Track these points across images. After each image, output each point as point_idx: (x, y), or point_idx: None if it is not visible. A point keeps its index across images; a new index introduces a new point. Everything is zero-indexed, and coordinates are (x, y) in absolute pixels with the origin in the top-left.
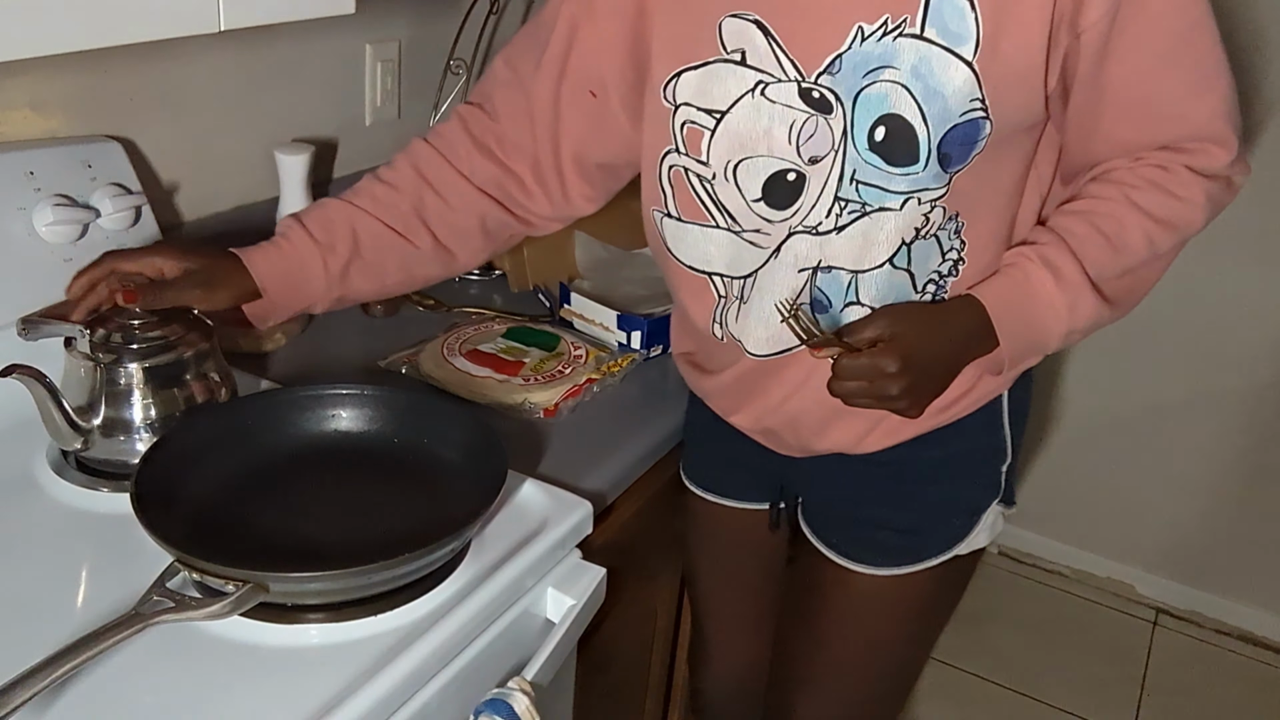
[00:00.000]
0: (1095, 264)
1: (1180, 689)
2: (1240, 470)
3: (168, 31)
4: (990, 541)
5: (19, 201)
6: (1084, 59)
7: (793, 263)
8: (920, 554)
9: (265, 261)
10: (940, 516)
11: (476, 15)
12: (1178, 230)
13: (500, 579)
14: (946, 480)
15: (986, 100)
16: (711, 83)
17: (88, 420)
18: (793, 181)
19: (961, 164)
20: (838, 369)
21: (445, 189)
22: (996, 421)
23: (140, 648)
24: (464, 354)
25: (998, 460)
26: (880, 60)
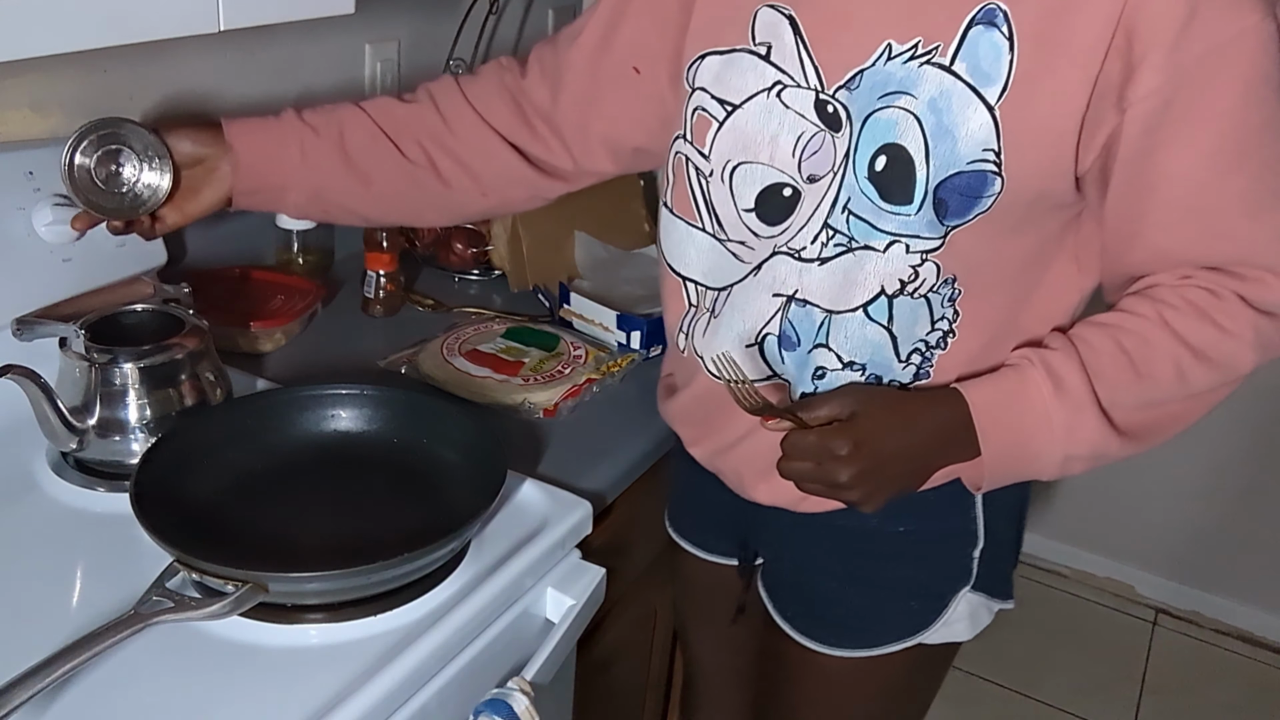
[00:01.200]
0: (1109, 385)
1: (1180, 689)
2: (1240, 471)
3: (168, 31)
4: (973, 635)
5: (18, 201)
6: (1128, 140)
7: (770, 285)
8: (877, 638)
9: (247, 131)
10: (895, 598)
11: (476, 15)
12: (1217, 367)
13: (500, 579)
14: (903, 559)
15: (1002, 154)
16: (731, 72)
17: (83, 420)
18: (788, 197)
19: (961, 219)
20: (785, 446)
21: (454, 118)
22: (967, 501)
23: (140, 648)
24: (463, 354)
25: (966, 544)
26: (900, 84)
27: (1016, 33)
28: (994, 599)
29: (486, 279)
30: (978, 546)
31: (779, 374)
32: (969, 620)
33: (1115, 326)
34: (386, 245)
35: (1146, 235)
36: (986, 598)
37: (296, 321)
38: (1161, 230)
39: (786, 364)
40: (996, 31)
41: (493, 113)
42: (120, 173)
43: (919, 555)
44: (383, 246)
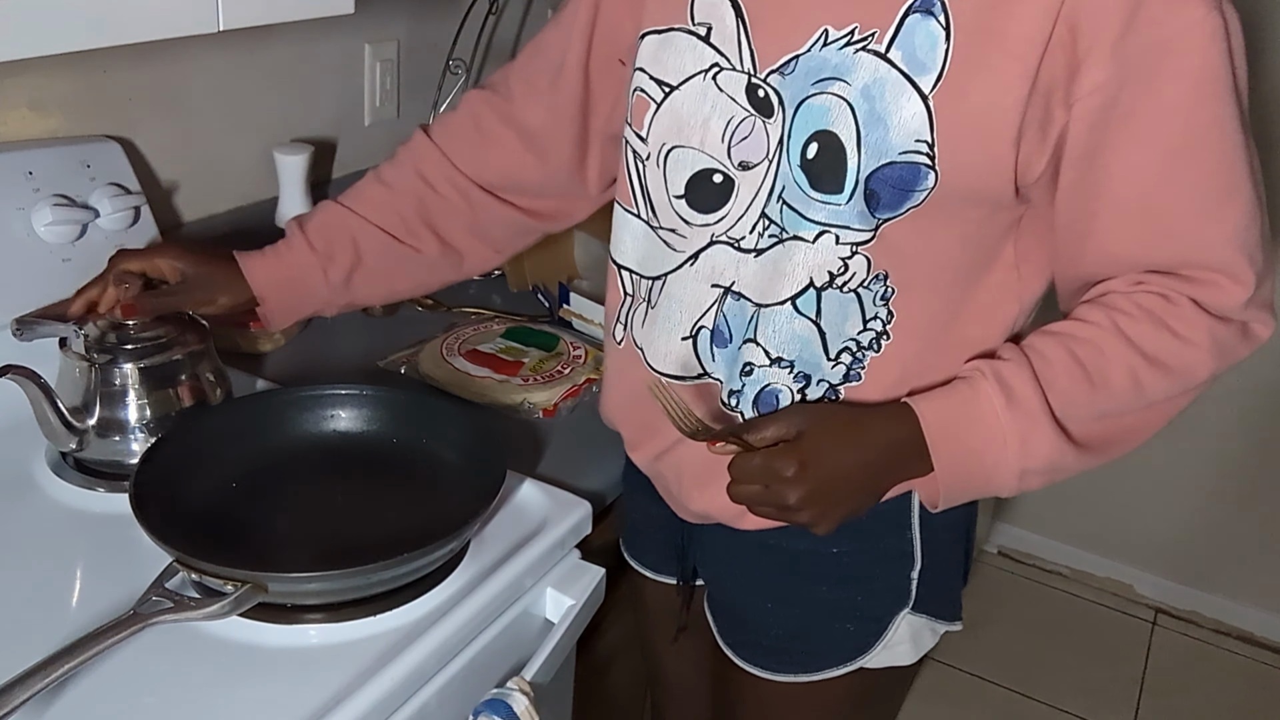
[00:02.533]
0: (1062, 396)
1: (1179, 689)
2: (1240, 470)
3: (167, 31)
4: (916, 658)
5: (18, 201)
6: (1075, 137)
7: (709, 275)
8: (816, 663)
9: (263, 270)
10: (831, 621)
11: (476, 15)
12: (1173, 374)
13: (499, 579)
14: (838, 580)
15: (936, 146)
16: (668, 51)
17: (82, 420)
18: (719, 184)
19: (893, 212)
20: (732, 469)
21: (447, 189)
22: (903, 520)
23: (139, 648)
24: (463, 354)
25: (903, 565)
26: (834, 71)
27: (953, 23)
28: (938, 620)
29: (486, 279)
30: (915, 567)
31: (708, 371)
32: (911, 643)
33: (1068, 335)
34: None
35: (1096, 236)
36: (929, 619)
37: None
38: (1111, 231)
39: (716, 360)
40: (933, 20)
41: (480, 169)
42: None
43: (854, 577)
44: None
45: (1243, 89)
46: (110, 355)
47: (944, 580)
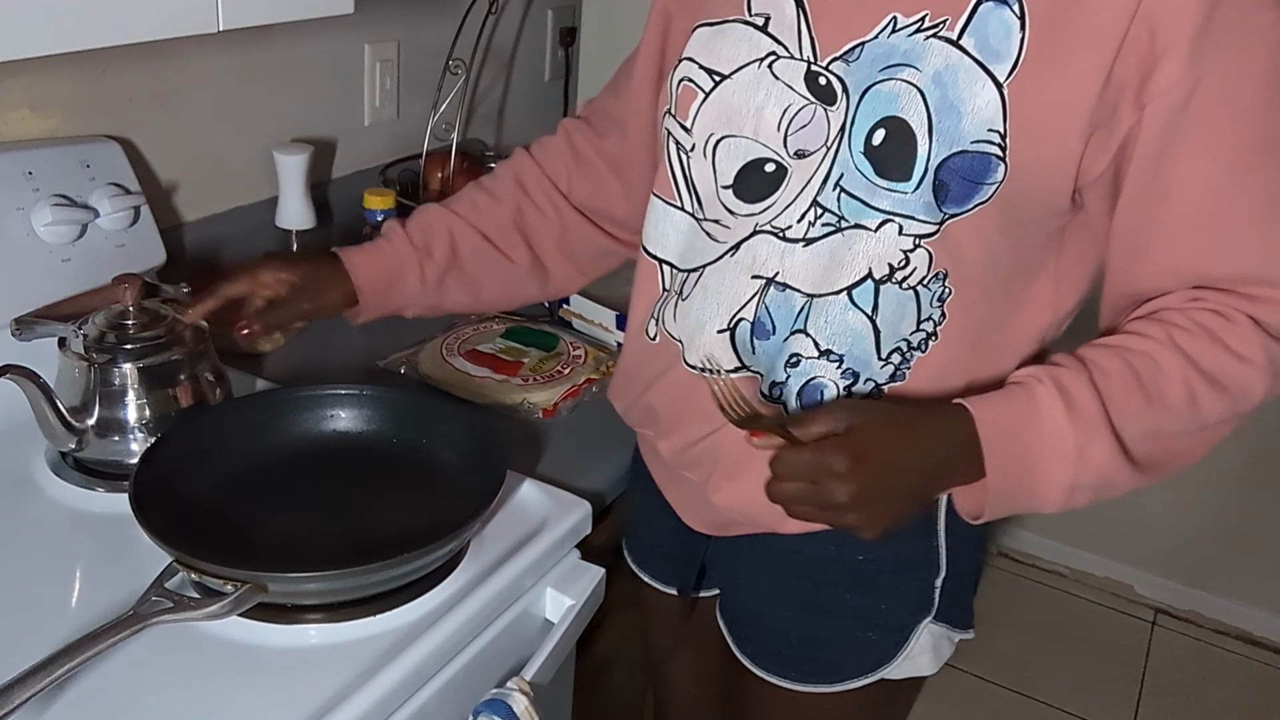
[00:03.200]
0: (1120, 407)
1: (1179, 689)
2: (1239, 470)
3: (167, 31)
4: (936, 669)
5: (17, 201)
6: (1147, 138)
7: (750, 266)
8: (837, 673)
9: (364, 263)
10: (854, 629)
11: (475, 15)
12: (1228, 395)
13: (499, 579)
14: (863, 588)
15: (1008, 137)
16: (722, 41)
17: (82, 420)
18: (770, 174)
19: (960, 207)
20: (775, 465)
21: (544, 202)
22: (931, 529)
23: (139, 648)
24: (463, 354)
25: (927, 572)
26: (904, 57)
27: (1028, 12)
28: (954, 629)
29: None
30: (940, 575)
31: (748, 364)
32: (932, 653)
33: (1122, 348)
34: None
35: (1158, 244)
36: (948, 628)
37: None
38: (1173, 238)
39: (758, 353)
40: (1007, 9)
41: (573, 189)
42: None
43: (879, 584)
44: None
45: None
46: (109, 355)
47: (963, 588)
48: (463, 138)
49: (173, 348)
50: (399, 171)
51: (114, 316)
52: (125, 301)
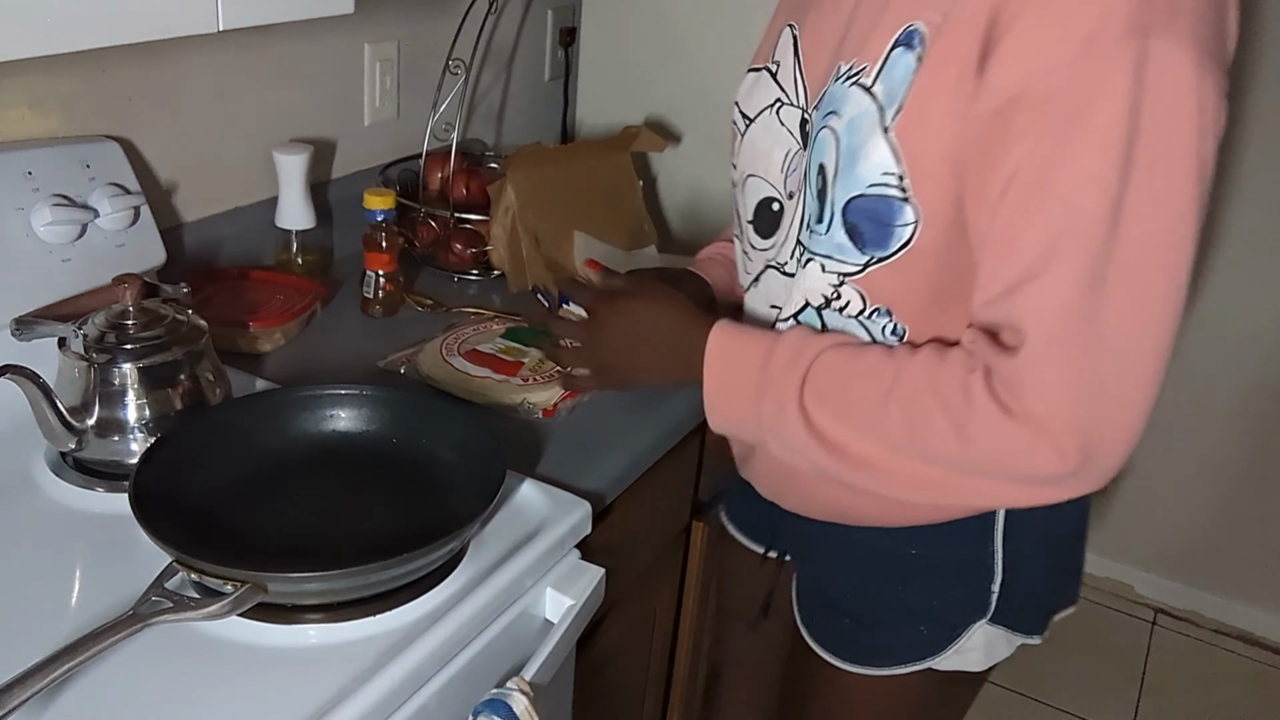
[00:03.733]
0: (818, 383)
1: (1179, 689)
2: (1239, 470)
3: (167, 31)
4: (987, 666)
5: (17, 201)
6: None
7: (766, 297)
8: (885, 658)
9: (714, 267)
10: (903, 620)
11: (475, 15)
12: (909, 422)
13: (499, 579)
14: (915, 583)
15: (906, 178)
16: (754, 88)
17: (81, 420)
18: (775, 212)
19: (883, 249)
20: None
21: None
22: (987, 533)
23: (138, 648)
24: (463, 354)
25: (982, 577)
26: (835, 104)
27: (925, 53)
28: (1016, 633)
29: (486, 279)
30: (996, 580)
31: None
32: (984, 651)
33: (866, 346)
34: (385, 246)
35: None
36: (1007, 630)
37: (295, 322)
38: (977, 239)
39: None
40: (911, 53)
41: None
42: None
43: (931, 582)
44: (382, 247)
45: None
46: (109, 355)
47: (1031, 595)
48: (462, 138)
49: (173, 348)
50: (399, 171)
51: (114, 316)
52: (125, 301)
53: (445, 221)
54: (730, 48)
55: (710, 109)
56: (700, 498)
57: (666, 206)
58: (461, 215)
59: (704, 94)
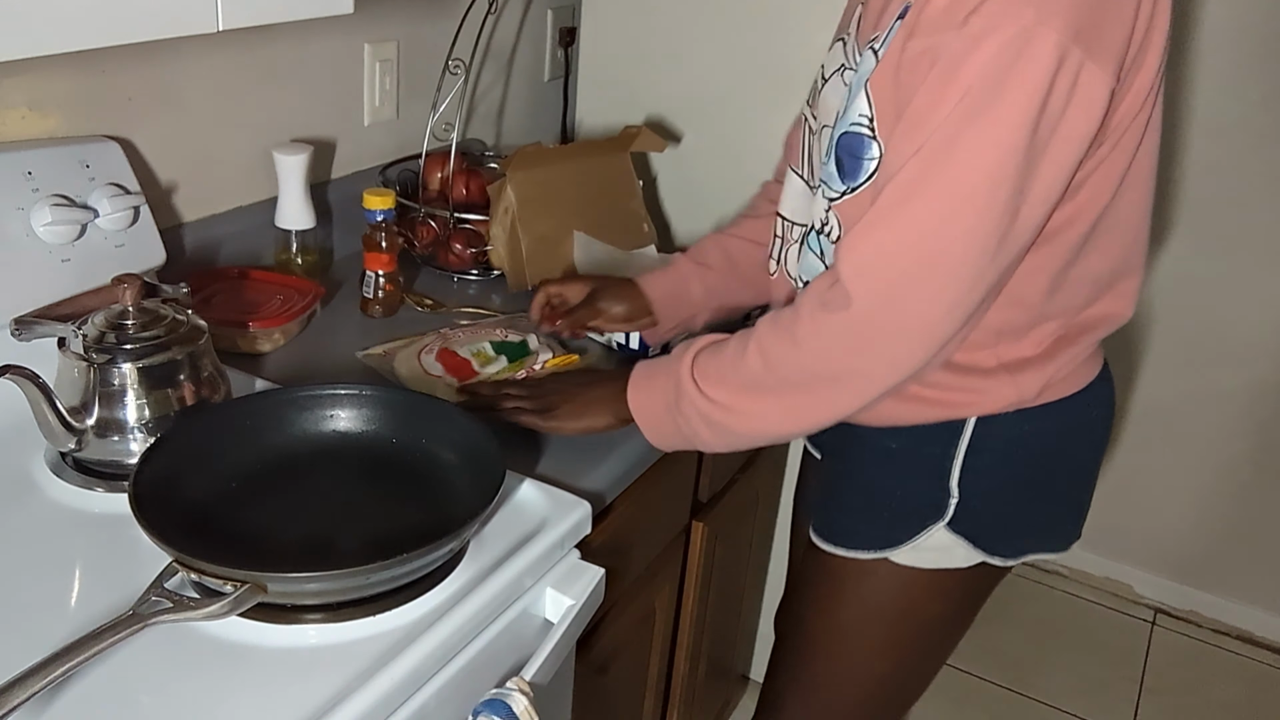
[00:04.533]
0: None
1: (1179, 689)
2: (1239, 470)
3: (166, 31)
4: (938, 567)
5: (17, 201)
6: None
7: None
8: (849, 537)
9: (653, 280)
10: (872, 506)
11: (475, 15)
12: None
13: (499, 579)
14: (887, 471)
15: (875, 120)
16: (831, 54)
17: (81, 420)
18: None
19: (854, 180)
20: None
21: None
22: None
23: (138, 648)
24: (436, 353)
25: (940, 475)
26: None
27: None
28: (977, 548)
29: (485, 279)
30: (952, 478)
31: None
32: (939, 553)
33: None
34: (385, 246)
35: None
36: (967, 542)
37: (295, 322)
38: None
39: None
40: (900, 22)
41: None
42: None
43: (898, 471)
44: (382, 247)
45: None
46: (109, 355)
47: (993, 509)
48: (462, 138)
49: (172, 348)
50: (398, 171)
51: (113, 316)
52: (125, 301)
53: (445, 221)
54: (730, 48)
55: (710, 109)
56: (700, 498)
57: (666, 206)
58: (461, 215)
59: (704, 94)
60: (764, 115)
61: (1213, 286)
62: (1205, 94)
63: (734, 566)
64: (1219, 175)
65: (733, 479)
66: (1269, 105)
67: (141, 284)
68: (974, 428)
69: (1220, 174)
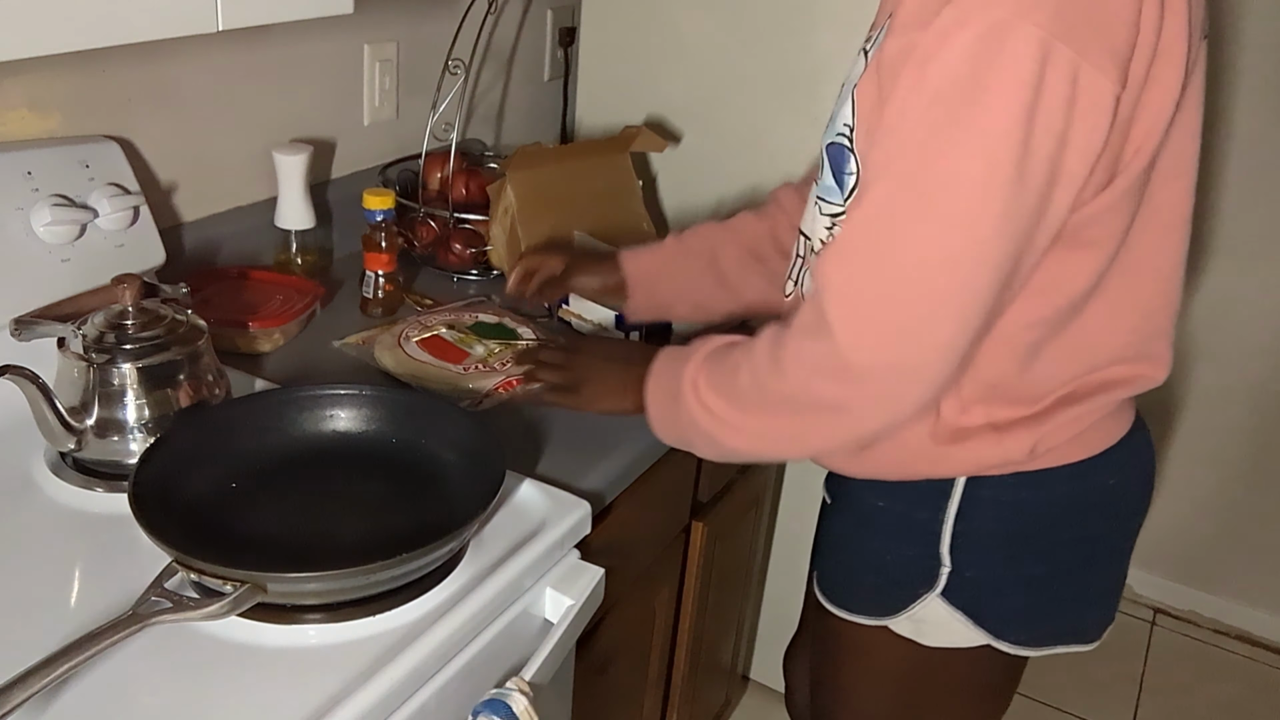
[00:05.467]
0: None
1: (1178, 688)
2: (1238, 470)
3: (166, 31)
4: (938, 644)
5: (17, 201)
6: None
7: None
8: (848, 600)
9: (634, 256)
10: (865, 568)
11: (474, 15)
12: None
13: (499, 579)
14: (877, 532)
15: (855, 130)
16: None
17: (81, 421)
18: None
19: (844, 193)
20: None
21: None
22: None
23: (138, 648)
24: (419, 340)
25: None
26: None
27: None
28: (980, 628)
29: (485, 279)
30: (942, 545)
31: None
32: (937, 627)
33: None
34: (385, 246)
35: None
36: (965, 618)
37: (295, 322)
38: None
39: None
40: (890, 20)
41: None
42: None
43: (887, 533)
44: (381, 247)
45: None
46: (109, 355)
47: (991, 585)
48: (462, 138)
49: (172, 348)
50: (398, 171)
51: (113, 317)
52: (124, 302)
53: (445, 221)
54: (730, 48)
55: (710, 109)
56: (700, 498)
57: (666, 206)
58: (461, 215)
59: (704, 94)
60: (764, 115)
61: (1214, 288)
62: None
63: (734, 566)
64: (1218, 175)
65: (732, 479)
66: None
67: (141, 284)
68: (963, 490)
69: (1219, 174)
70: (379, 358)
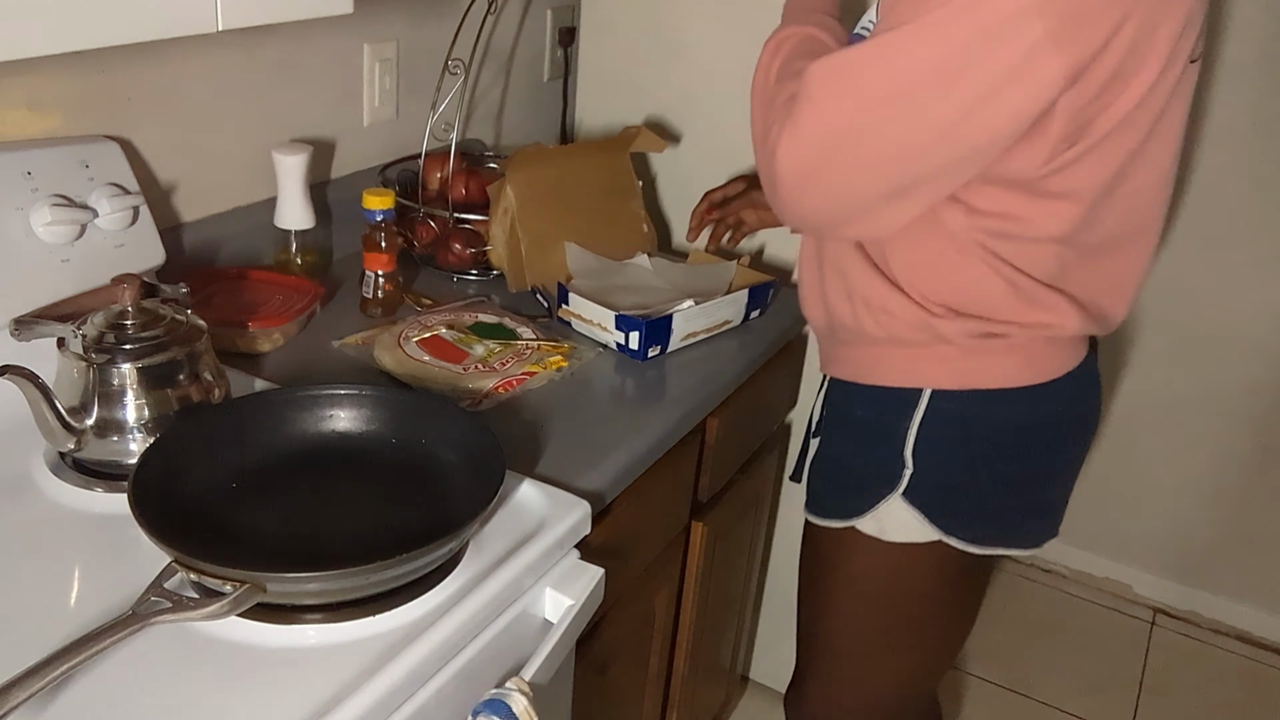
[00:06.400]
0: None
1: (1178, 689)
2: (1238, 470)
3: (166, 31)
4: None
5: (16, 201)
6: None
7: None
8: (819, 505)
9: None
10: (838, 474)
11: (474, 15)
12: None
13: (498, 579)
14: (853, 438)
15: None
16: None
17: (80, 421)
18: None
19: None
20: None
21: None
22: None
23: (138, 648)
24: (419, 340)
25: (895, 445)
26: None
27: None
28: (933, 524)
29: (485, 279)
30: (906, 447)
31: None
32: (897, 525)
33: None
34: (385, 246)
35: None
36: (922, 517)
37: (295, 322)
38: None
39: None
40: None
41: None
42: None
43: (861, 438)
44: (381, 247)
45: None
46: (108, 355)
47: (949, 486)
48: (462, 138)
49: (172, 348)
50: (398, 171)
51: (113, 317)
52: (124, 302)
53: (445, 222)
54: (730, 48)
55: (710, 109)
56: (700, 498)
57: (666, 206)
58: (461, 215)
59: (704, 94)
60: None
61: (1214, 287)
62: (1204, 94)
63: (734, 566)
64: (1216, 174)
65: (732, 479)
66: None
67: (141, 284)
68: (929, 400)
69: (1217, 173)
70: (379, 358)
